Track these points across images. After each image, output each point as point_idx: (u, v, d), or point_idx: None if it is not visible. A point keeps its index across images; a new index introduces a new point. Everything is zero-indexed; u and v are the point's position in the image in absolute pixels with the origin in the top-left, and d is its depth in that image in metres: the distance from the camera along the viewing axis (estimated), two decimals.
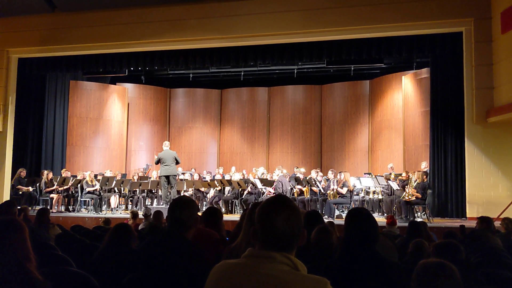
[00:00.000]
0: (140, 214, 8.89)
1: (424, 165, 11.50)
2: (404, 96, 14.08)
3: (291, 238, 1.60)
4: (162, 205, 11.03)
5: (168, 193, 10.92)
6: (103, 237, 5.24)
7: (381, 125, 15.17)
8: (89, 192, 11.61)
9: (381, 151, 15.11)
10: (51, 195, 11.78)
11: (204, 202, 13.03)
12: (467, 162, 10.46)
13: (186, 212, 2.60)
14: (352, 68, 14.53)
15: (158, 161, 11.05)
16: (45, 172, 12.20)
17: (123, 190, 12.51)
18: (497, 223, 7.07)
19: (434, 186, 11.24)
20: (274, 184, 11.38)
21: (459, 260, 3.05)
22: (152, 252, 2.44)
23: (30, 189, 11.88)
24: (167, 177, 10.92)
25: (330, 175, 11.30)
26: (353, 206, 11.60)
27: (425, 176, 10.14)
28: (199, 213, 2.87)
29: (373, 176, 11.94)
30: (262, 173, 13.13)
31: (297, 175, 11.93)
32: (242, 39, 11.83)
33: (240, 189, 11.84)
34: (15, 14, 12.67)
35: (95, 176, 12.36)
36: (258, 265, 1.55)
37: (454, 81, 11.15)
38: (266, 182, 11.91)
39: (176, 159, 11.02)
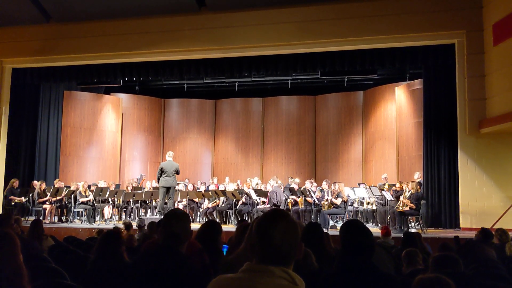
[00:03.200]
0: (134, 225, 8.83)
1: (417, 176, 11.55)
2: (397, 107, 14.17)
3: (288, 252, 1.59)
4: (156, 215, 10.96)
5: (165, 205, 10.83)
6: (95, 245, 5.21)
7: (375, 136, 15.24)
8: (82, 203, 11.54)
9: (375, 161, 15.16)
10: (44, 206, 11.68)
11: (198, 213, 12.98)
12: (460, 173, 10.51)
13: (180, 226, 2.60)
14: (346, 79, 14.61)
15: (160, 173, 10.76)
16: (38, 182, 12.12)
17: (117, 201, 12.45)
18: None
19: (428, 197, 11.28)
20: (268, 194, 11.36)
21: (457, 272, 3.06)
22: (147, 266, 2.43)
23: (23, 199, 11.80)
24: (168, 188, 10.78)
25: (324, 185, 11.30)
26: (347, 217, 11.61)
27: (418, 187, 10.17)
28: (195, 224, 2.87)
29: (367, 187, 11.96)
30: (257, 184, 13.12)
31: (291, 186, 11.93)
32: (236, 50, 11.88)
33: (234, 200, 11.81)
34: (9, 24, 12.66)
35: (89, 186, 12.29)
36: (256, 280, 1.54)
37: (446, 92, 11.25)
38: (261, 193, 11.89)
39: (177, 171, 10.90)
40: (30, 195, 11.91)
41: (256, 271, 1.57)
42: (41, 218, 11.01)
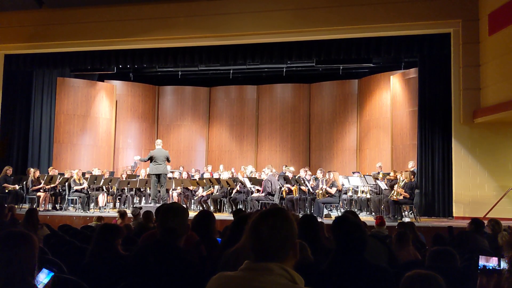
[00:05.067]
0: (129, 213, 8.84)
1: (411, 165, 11.60)
2: (392, 95, 14.18)
3: (277, 246, 1.58)
4: (151, 203, 10.97)
5: (158, 192, 10.87)
6: (92, 238, 5.21)
7: (369, 124, 15.26)
8: (76, 191, 11.51)
9: (369, 150, 15.20)
10: (38, 194, 11.64)
11: (192, 201, 13.00)
12: (454, 162, 10.59)
13: (177, 220, 2.61)
14: (341, 67, 14.58)
15: (149, 159, 10.93)
16: (32, 170, 12.06)
17: (111, 189, 12.43)
18: None
19: (422, 186, 11.34)
20: (263, 183, 11.38)
21: (453, 267, 3.09)
22: (145, 260, 2.43)
23: (17, 187, 11.75)
24: (158, 175, 10.85)
25: (319, 174, 11.34)
26: (341, 206, 11.68)
27: (412, 176, 10.23)
28: (190, 212, 2.86)
29: (362, 176, 12.01)
30: (251, 172, 13.13)
31: (286, 174, 11.95)
32: (231, 37, 11.82)
33: (229, 188, 11.83)
34: (1, 10, 12.50)
35: (83, 174, 12.25)
36: (256, 278, 1.54)
37: (441, 82, 11.27)
38: (255, 181, 11.90)
39: (167, 158, 10.96)
40: (24, 182, 11.86)
41: (255, 269, 1.57)
42: (35, 206, 11.00)
